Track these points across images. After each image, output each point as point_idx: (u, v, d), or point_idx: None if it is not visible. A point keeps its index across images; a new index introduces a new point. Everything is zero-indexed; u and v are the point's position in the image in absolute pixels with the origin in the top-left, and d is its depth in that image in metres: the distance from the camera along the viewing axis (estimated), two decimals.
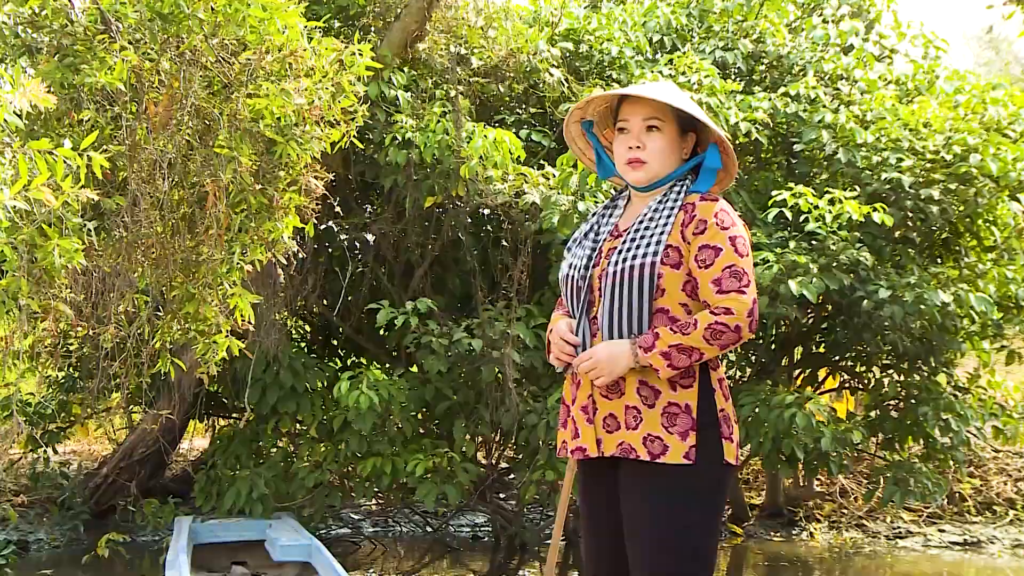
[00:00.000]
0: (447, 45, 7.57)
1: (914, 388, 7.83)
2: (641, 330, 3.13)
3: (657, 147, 3.28)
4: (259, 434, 7.94)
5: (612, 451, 3.16)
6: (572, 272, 3.33)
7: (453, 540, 8.70)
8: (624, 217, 3.40)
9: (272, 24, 4.75)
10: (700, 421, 3.12)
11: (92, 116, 4.53)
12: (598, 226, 3.41)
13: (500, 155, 6.86)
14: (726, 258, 3.12)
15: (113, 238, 4.80)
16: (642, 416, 3.12)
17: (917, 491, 7.55)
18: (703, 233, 3.14)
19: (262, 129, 4.86)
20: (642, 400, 3.13)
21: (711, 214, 3.17)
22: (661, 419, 3.11)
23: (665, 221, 3.20)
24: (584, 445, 3.23)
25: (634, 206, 3.40)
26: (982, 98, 7.77)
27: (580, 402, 3.26)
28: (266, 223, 4.99)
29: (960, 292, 7.14)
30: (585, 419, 3.23)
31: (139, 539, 8.24)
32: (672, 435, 3.09)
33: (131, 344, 5.27)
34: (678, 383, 3.13)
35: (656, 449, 3.09)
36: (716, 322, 3.07)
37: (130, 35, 4.66)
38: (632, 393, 3.15)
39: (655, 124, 3.28)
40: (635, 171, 3.29)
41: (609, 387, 3.17)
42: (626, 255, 3.18)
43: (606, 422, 3.19)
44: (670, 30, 8.49)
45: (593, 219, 3.46)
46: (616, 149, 3.36)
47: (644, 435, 3.11)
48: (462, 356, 7.16)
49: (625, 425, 3.14)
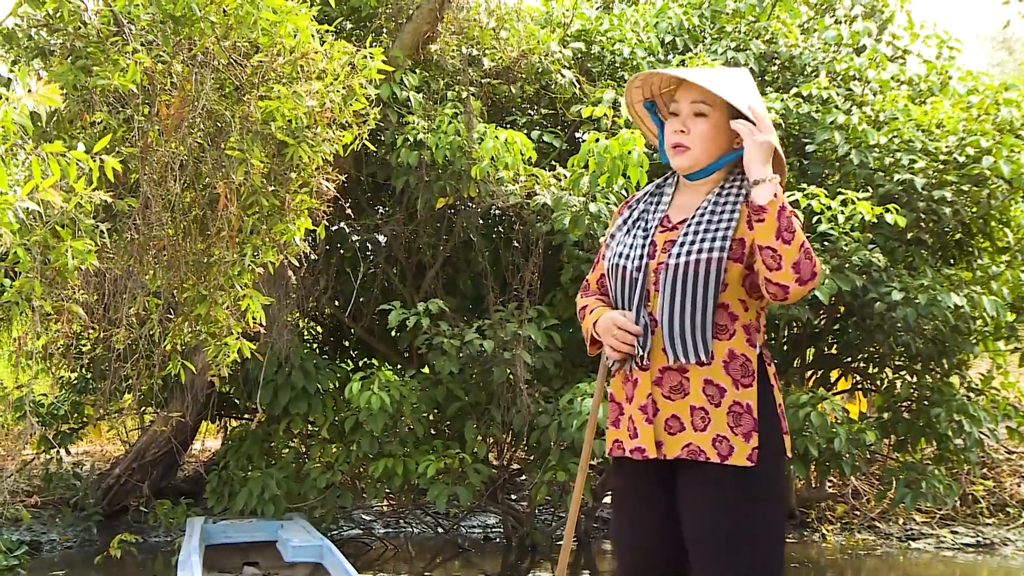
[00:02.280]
0: (459, 46, 7.58)
1: (927, 389, 7.81)
2: (705, 327, 3.05)
3: (700, 132, 3.18)
4: (271, 435, 7.95)
5: (676, 453, 3.09)
6: (624, 263, 3.21)
7: (464, 541, 8.70)
8: (673, 207, 3.28)
9: (283, 27, 4.75)
10: (761, 419, 3.08)
11: (104, 118, 4.54)
12: (646, 214, 3.30)
13: (511, 156, 6.86)
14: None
15: (125, 240, 4.81)
16: (710, 416, 3.06)
17: (930, 493, 7.53)
18: None
19: (273, 131, 4.86)
20: (708, 399, 3.06)
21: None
22: (727, 419, 3.05)
23: (730, 215, 3.11)
24: (643, 446, 3.15)
25: (684, 195, 3.29)
26: (995, 99, 7.75)
27: (638, 401, 3.16)
28: (278, 225, 4.99)
29: (973, 294, 7.13)
30: (644, 419, 3.14)
31: (151, 540, 8.26)
32: (737, 436, 3.05)
33: (143, 346, 5.28)
34: (739, 381, 3.08)
35: (724, 450, 3.04)
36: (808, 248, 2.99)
37: (142, 37, 4.66)
38: (698, 392, 3.08)
39: (702, 109, 3.18)
40: (678, 156, 3.21)
41: (672, 386, 3.10)
42: (690, 248, 3.09)
43: (668, 424, 3.11)
44: (682, 31, 8.48)
45: (638, 207, 3.34)
46: (667, 132, 3.27)
47: (713, 436, 3.05)
48: (473, 357, 7.16)
49: (692, 427, 3.07)
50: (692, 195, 3.26)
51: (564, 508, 7.85)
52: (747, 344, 3.11)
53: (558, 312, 7.51)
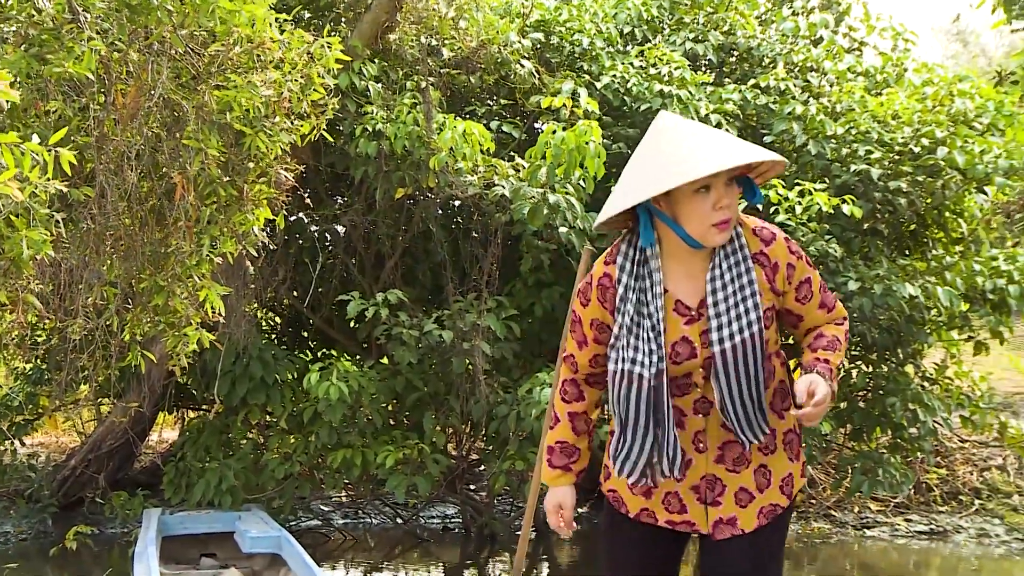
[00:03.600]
0: (418, 36, 7.56)
1: (882, 379, 7.88)
2: (761, 405, 2.93)
3: (735, 201, 2.94)
4: (229, 426, 7.91)
5: (755, 524, 3.01)
6: (640, 371, 2.94)
7: (423, 531, 8.70)
8: (674, 283, 3.01)
9: (240, 16, 4.72)
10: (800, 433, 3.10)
11: (59, 107, 4.50)
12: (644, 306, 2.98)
13: (470, 147, 6.85)
14: (815, 280, 3.06)
15: (81, 230, 4.77)
16: (770, 468, 3.03)
17: (885, 481, 7.61)
18: (793, 275, 3.01)
19: (231, 121, 4.83)
20: (763, 452, 3.04)
21: (786, 253, 3.00)
22: (786, 454, 3.05)
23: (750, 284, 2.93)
24: (693, 521, 3.06)
25: (680, 263, 3.02)
26: (950, 90, 7.82)
27: (691, 482, 3.04)
28: (236, 215, 4.97)
29: (927, 284, 7.20)
30: (696, 498, 3.04)
31: (107, 531, 8.21)
32: (794, 462, 3.07)
33: (99, 336, 5.24)
34: (782, 409, 3.06)
35: (789, 489, 3.05)
36: (846, 331, 3.08)
37: (98, 25, 4.62)
38: (756, 452, 3.03)
39: (735, 177, 2.94)
40: (723, 232, 2.91)
41: (735, 459, 3.01)
42: (729, 330, 2.90)
43: (738, 497, 3.02)
44: (641, 22, 8.50)
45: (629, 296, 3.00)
46: (697, 210, 2.89)
47: (780, 483, 3.04)
48: (432, 347, 7.16)
49: (758, 488, 3.02)
50: (691, 262, 3.01)
51: (523, 498, 7.85)
52: (782, 367, 3.09)
53: (517, 302, 7.52)
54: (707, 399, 2.97)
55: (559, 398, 3.26)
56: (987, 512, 9.15)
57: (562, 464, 3.25)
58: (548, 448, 3.27)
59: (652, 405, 2.93)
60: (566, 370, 3.24)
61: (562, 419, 3.24)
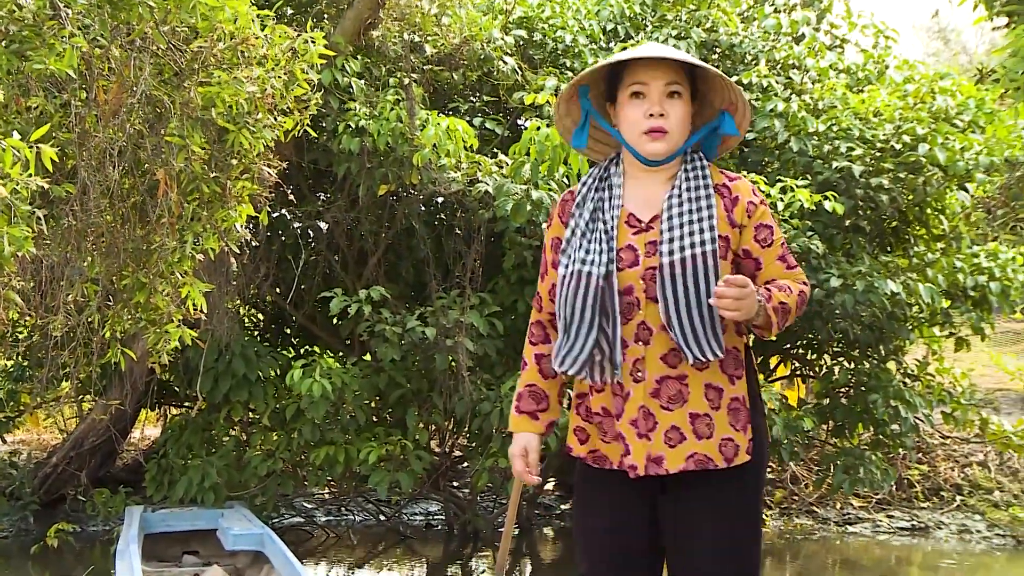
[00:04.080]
0: (401, 32, 7.54)
1: (864, 375, 7.91)
2: (715, 322, 2.86)
3: (679, 115, 2.98)
4: (211, 423, 7.89)
5: (681, 466, 2.91)
6: (589, 269, 2.95)
7: (406, 528, 8.70)
8: (632, 201, 3.05)
9: (223, 12, 4.71)
10: (751, 410, 3.00)
11: (41, 103, 4.48)
12: (599, 213, 3.04)
13: (453, 143, 6.84)
14: (778, 234, 3.03)
15: (62, 226, 4.75)
16: (714, 421, 2.92)
17: (867, 478, 7.65)
18: (754, 214, 2.99)
19: (214, 117, 4.82)
20: (710, 404, 2.92)
21: (750, 192, 3.02)
22: (728, 418, 2.94)
23: (708, 207, 2.93)
24: (635, 463, 2.96)
25: (641, 185, 3.07)
26: (931, 88, 7.85)
27: (629, 415, 2.95)
28: (218, 211, 4.95)
29: (909, 281, 7.23)
30: (635, 434, 2.95)
31: (89, 529, 8.19)
32: (738, 432, 2.94)
33: (81, 333, 5.22)
34: (734, 375, 2.96)
35: (730, 452, 2.92)
36: (803, 291, 3.01)
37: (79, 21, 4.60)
38: (700, 399, 2.92)
39: (678, 89, 2.98)
40: (655, 142, 2.97)
41: (671, 396, 2.92)
42: (681, 243, 2.89)
43: (668, 436, 2.92)
44: (623, 18, 8.50)
45: (586, 205, 3.07)
46: (628, 115, 3.01)
47: (719, 441, 2.92)
48: (415, 344, 7.15)
49: (696, 435, 2.91)
50: (651, 183, 3.06)
51: (506, 495, 7.86)
52: (736, 335, 3.02)
53: (500, 299, 7.52)
54: (648, 326, 2.93)
55: (527, 342, 3.25)
56: (968, 508, 9.21)
57: (529, 410, 3.19)
58: (517, 394, 3.22)
59: (600, 300, 2.92)
60: (533, 312, 3.26)
61: (529, 362, 3.22)
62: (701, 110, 3.13)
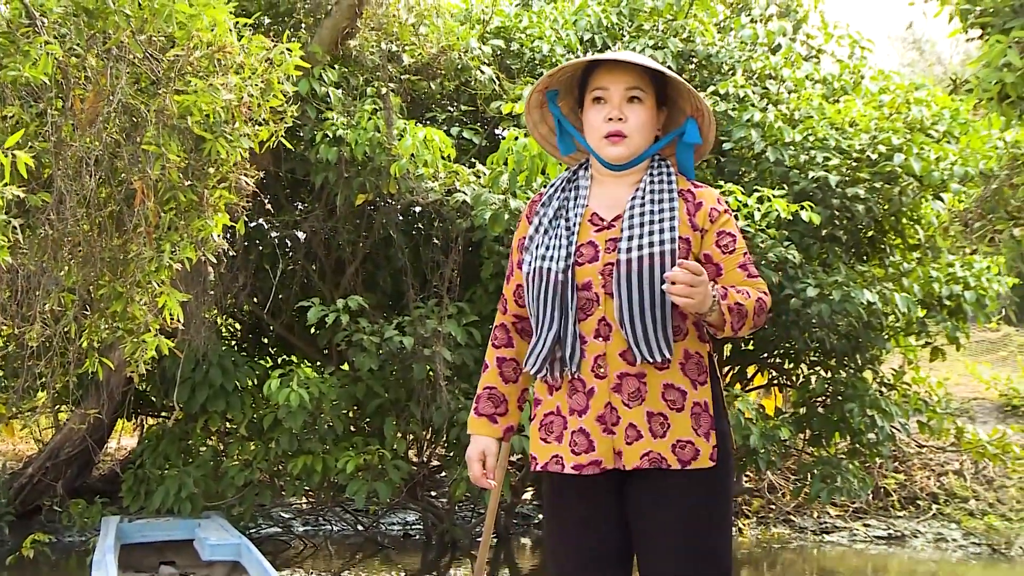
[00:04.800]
0: (378, 42, 7.55)
1: (841, 385, 7.93)
2: (665, 323, 2.88)
3: (640, 120, 3.00)
4: (188, 433, 7.87)
5: (636, 463, 2.92)
6: (548, 264, 2.98)
7: (384, 538, 8.68)
8: (596, 201, 3.08)
9: (200, 20, 4.71)
10: (716, 417, 2.99)
11: (16, 112, 4.47)
12: (563, 212, 3.07)
13: (431, 153, 6.85)
14: (740, 243, 3.02)
15: (39, 236, 4.74)
16: (669, 422, 2.92)
17: (844, 487, 7.67)
18: (716, 220, 2.99)
19: (191, 126, 4.81)
20: (668, 404, 2.93)
21: (715, 200, 3.03)
22: (691, 421, 2.93)
23: (670, 209, 2.95)
24: (599, 458, 2.95)
25: (607, 188, 3.09)
26: (906, 98, 7.89)
27: (595, 411, 2.95)
28: (195, 221, 4.94)
29: (885, 291, 7.26)
30: (602, 430, 2.95)
31: (65, 540, 8.14)
32: (700, 437, 2.94)
33: (57, 343, 5.20)
34: (696, 380, 2.97)
35: (687, 455, 2.92)
36: (762, 298, 2.99)
37: (55, 30, 4.59)
38: (656, 398, 2.92)
39: (638, 95, 3.00)
40: (614, 146, 3.00)
41: (631, 393, 2.92)
42: (640, 242, 2.91)
43: (627, 432, 2.93)
44: (600, 28, 8.52)
45: (552, 203, 3.11)
46: (590, 120, 3.04)
47: (673, 442, 2.92)
48: (393, 354, 7.15)
49: (651, 433, 2.92)
50: (616, 187, 3.08)
51: (483, 504, 7.85)
52: (699, 341, 3.02)
53: (478, 308, 7.52)
54: (607, 322, 2.94)
55: (490, 344, 3.26)
56: (944, 517, 9.24)
57: (488, 413, 3.20)
58: (476, 396, 3.23)
59: (559, 296, 2.95)
60: (498, 315, 3.27)
61: (491, 365, 3.23)
62: (673, 116, 3.15)
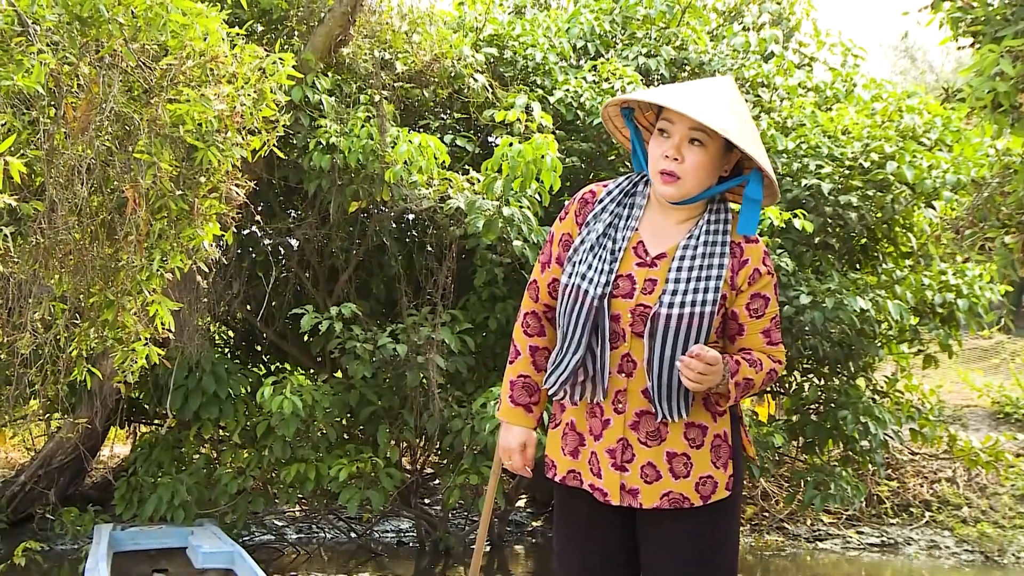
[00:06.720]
0: (371, 50, 7.55)
1: (834, 392, 7.95)
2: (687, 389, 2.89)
3: (696, 163, 2.94)
4: (181, 440, 7.86)
5: (655, 503, 2.94)
6: (586, 286, 2.96)
7: (377, 546, 8.67)
8: (647, 228, 3.06)
9: (193, 29, 4.71)
10: (733, 447, 3.01)
11: (9, 120, 4.46)
12: (613, 230, 3.04)
13: (425, 160, 6.85)
14: (772, 308, 3.02)
15: (30, 244, 4.73)
16: (692, 461, 2.94)
17: (837, 494, 7.67)
18: (756, 283, 2.99)
19: (183, 135, 4.81)
20: (690, 443, 2.94)
21: (760, 260, 3.01)
22: (711, 456, 2.96)
23: (719, 266, 2.94)
24: (606, 491, 2.99)
25: (660, 216, 3.06)
26: (898, 106, 7.91)
27: (607, 443, 2.98)
28: (186, 229, 4.94)
29: (878, 298, 7.27)
30: (611, 463, 2.97)
31: (58, 548, 8.12)
32: (719, 469, 2.97)
33: (48, 351, 5.19)
34: (716, 413, 2.99)
35: (708, 491, 2.95)
36: (774, 369, 3.00)
37: (48, 38, 4.59)
38: (679, 439, 2.94)
39: (699, 138, 2.93)
40: (667, 185, 2.96)
41: (649, 432, 2.93)
42: (683, 299, 2.90)
43: (644, 472, 2.94)
44: (593, 36, 8.53)
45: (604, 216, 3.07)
46: (652, 151, 3.01)
47: (696, 480, 2.94)
48: (386, 361, 7.15)
49: (672, 474, 2.94)
50: (669, 219, 3.06)
51: (477, 512, 7.85)
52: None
53: (472, 316, 7.53)
54: (632, 359, 2.94)
55: (520, 331, 3.23)
56: (937, 524, 9.25)
57: (524, 402, 3.18)
58: (509, 383, 3.20)
59: (592, 321, 2.93)
60: (528, 301, 3.23)
61: (523, 352, 3.20)
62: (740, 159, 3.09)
